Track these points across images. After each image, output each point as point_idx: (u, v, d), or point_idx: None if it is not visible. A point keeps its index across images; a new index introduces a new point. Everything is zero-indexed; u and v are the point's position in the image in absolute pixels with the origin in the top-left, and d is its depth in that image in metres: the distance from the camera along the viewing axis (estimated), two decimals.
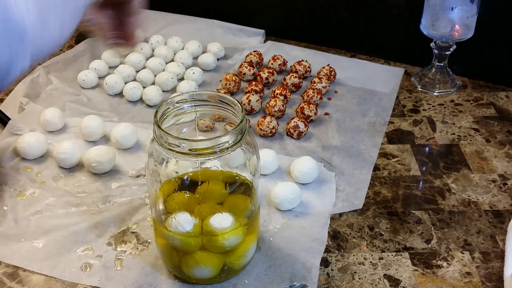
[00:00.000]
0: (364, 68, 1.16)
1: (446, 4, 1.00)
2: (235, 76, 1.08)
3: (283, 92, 1.04)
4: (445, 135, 0.99)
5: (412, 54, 1.16)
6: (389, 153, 0.94)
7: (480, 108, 1.05)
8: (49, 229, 0.80)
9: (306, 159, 0.87)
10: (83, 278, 0.73)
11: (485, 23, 1.04)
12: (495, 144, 0.96)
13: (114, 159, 0.89)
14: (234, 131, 0.64)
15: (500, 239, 0.79)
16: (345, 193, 0.86)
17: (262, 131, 0.96)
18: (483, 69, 1.12)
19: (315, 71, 1.13)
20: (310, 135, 0.98)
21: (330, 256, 0.76)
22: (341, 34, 1.22)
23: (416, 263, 0.75)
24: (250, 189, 0.70)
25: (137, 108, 1.04)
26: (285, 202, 0.82)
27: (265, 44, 1.23)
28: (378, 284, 0.72)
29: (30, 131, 0.95)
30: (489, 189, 0.87)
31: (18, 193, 0.85)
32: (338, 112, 1.04)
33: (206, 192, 0.69)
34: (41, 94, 1.06)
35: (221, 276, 0.72)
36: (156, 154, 0.67)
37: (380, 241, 0.79)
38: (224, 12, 1.28)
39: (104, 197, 0.85)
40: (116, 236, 0.79)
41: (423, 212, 0.83)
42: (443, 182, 0.89)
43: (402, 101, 1.07)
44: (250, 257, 0.73)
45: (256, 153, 0.69)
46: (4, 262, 0.75)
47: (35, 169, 0.90)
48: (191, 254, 0.69)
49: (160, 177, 0.68)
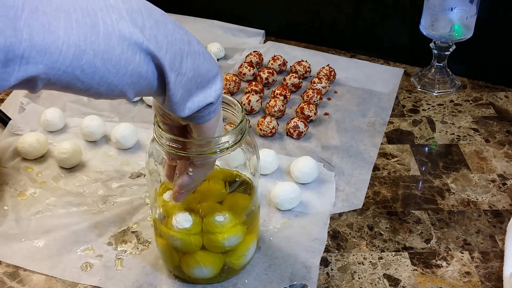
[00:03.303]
0: (364, 68, 1.16)
1: (445, 4, 1.00)
2: (235, 76, 1.08)
3: (283, 92, 1.04)
4: (444, 135, 0.99)
5: (411, 54, 1.16)
6: (388, 153, 0.95)
7: (480, 108, 1.05)
8: (50, 229, 0.80)
9: (306, 159, 0.87)
10: (84, 277, 0.73)
11: (484, 23, 1.04)
12: (495, 144, 0.97)
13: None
14: (234, 131, 0.64)
15: (499, 238, 0.79)
16: (344, 193, 0.86)
17: (262, 131, 0.96)
18: (482, 69, 1.12)
19: (315, 71, 1.13)
20: (310, 135, 0.98)
21: (330, 255, 0.77)
22: (341, 35, 1.22)
23: (416, 262, 0.76)
24: (250, 189, 0.70)
25: (138, 108, 1.05)
26: (285, 202, 0.82)
27: (265, 45, 1.23)
28: (377, 283, 0.73)
29: (30, 131, 0.95)
30: (489, 189, 0.87)
31: (18, 193, 0.86)
32: (337, 112, 1.04)
33: (206, 191, 0.69)
34: (41, 94, 1.06)
35: (221, 275, 0.72)
36: (156, 154, 0.67)
37: (379, 241, 0.79)
38: (224, 12, 1.28)
39: (104, 197, 0.85)
40: (117, 236, 0.79)
41: (423, 212, 0.83)
42: (442, 182, 0.89)
43: (401, 101, 1.07)
44: (250, 256, 0.74)
45: (256, 153, 0.70)
46: (4, 262, 0.75)
47: (36, 169, 0.90)
48: (191, 254, 0.70)
49: (160, 177, 0.68)
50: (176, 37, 0.52)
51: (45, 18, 0.43)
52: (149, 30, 0.49)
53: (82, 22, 0.45)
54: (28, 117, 0.99)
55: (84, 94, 0.49)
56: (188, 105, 0.56)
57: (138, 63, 0.49)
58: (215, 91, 0.58)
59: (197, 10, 1.29)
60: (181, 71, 0.53)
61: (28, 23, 0.42)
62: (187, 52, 0.53)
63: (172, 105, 0.55)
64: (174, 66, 0.52)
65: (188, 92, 0.55)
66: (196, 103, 0.56)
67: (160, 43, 0.50)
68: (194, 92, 0.56)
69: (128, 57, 0.48)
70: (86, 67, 0.46)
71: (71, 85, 0.47)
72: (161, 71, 0.51)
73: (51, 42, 0.43)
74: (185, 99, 0.55)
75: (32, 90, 0.46)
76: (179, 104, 0.55)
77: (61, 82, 0.46)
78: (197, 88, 0.56)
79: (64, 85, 0.47)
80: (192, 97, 0.56)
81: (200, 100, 0.56)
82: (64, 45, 0.44)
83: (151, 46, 0.49)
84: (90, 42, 0.45)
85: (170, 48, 0.51)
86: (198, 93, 0.56)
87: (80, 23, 0.45)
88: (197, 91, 0.56)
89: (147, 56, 0.50)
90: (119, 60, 0.48)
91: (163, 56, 0.51)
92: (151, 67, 0.51)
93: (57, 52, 0.44)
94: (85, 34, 0.45)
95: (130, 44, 0.48)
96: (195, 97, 0.56)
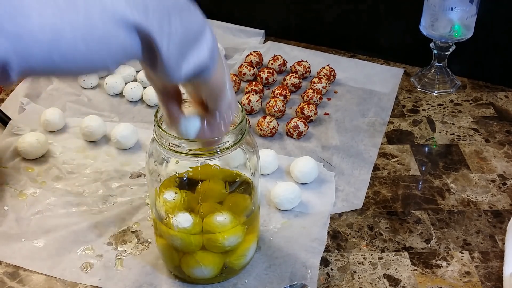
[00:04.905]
0: (364, 68, 1.16)
1: (445, 4, 1.00)
2: (235, 76, 1.08)
3: (283, 92, 1.04)
4: (444, 135, 0.99)
5: (411, 54, 1.16)
6: (388, 153, 0.95)
7: (480, 108, 1.05)
8: (50, 228, 0.80)
9: (306, 159, 0.87)
10: (84, 277, 0.73)
11: (484, 23, 1.04)
12: (495, 144, 0.97)
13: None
14: (234, 131, 0.64)
15: (499, 238, 0.79)
16: (344, 193, 0.86)
17: (262, 131, 0.96)
18: (482, 69, 1.12)
19: (315, 71, 1.13)
20: (310, 135, 0.98)
21: (329, 255, 0.77)
22: (341, 34, 1.22)
23: (416, 262, 0.76)
24: (250, 189, 0.70)
25: (138, 108, 1.05)
26: (285, 202, 0.82)
27: (265, 45, 1.23)
28: (377, 283, 0.73)
29: (30, 131, 0.95)
30: (489, 189, 0.87)
31: (18, 193, 0.86)
32: (337, 112, 1.04)
33: (206, 191, 0.69)
34: (41, 94, 1.06)
35: (221, 275, 0.72)
36: (156, 154, 0.67)
37: (379, 241, 0.79)
38: (224, 12, 1.28)
39: (104, 197, 0.85)
40: (117, 235, 0.79)
41: (423, 212, 0.83)
42: (442, 182, 0.89)
43: (401, 101, 1.07)
44: (250, 257, 0.74)
45: (256, 153, 0.70)
46: (4, 262, 0.75)
47: (36, 169, 0.90)
48: (191, 254, 0.70)
49: (160, 177, 0.68)
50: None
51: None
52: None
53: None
54: (28, 117, 0.99)
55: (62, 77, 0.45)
56: (184, 68, 0.50)
57: (124, 38, 0.44)
58: (207, 44, 0.52)
59: None
60: (171, 30, 0.47)
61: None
62: (174, 6, 0.48)
63: (166, 71, 0.49)
64: (163, 28, 0.46)
65: (181, 53, 0.49)
66: (191, 62, 0.51)
67: (146, 4, 0.45)
68: (186, 52, 0.50)
69: (112, 34, 0.43)
70: (66, 52, 0.41)
71: (51, 70, 0.42)
72: (150, 41, 0.46)
73: (22, 25, 0.38)
74: (179, 62, 0.50)
75: (5, 79, 0.40)
76: (174, 70, 0.50)
77: (38, 70, 0.41)
78: (189, 47, 0.50)
79: (41, 72, 0.42)
80: (185, 58, 0.50)
81: (194, 58, 0.51)
82: (38, 27, 0.39)
83: (135, 13, 0.44)
84: (68, 22, 0.40)
85: (157, 7, 0.46)
86: (191, 51, 0.50)
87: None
88: (190, 50, 0.50)
89: (133, 27, 0.44)
90: (101, 39, 0.43)
91: (150, 23, 0.45)
92: (138, 40, 0.45)
93: (30, 38, 0.39)
94: (61, 11, 0.40)
95: (113, 17, 0.43)
96: (189, 57, 0.50)
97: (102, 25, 0.42)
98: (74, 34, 0.41)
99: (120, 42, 0.44)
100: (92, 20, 0.42)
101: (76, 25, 0.41)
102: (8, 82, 0.40)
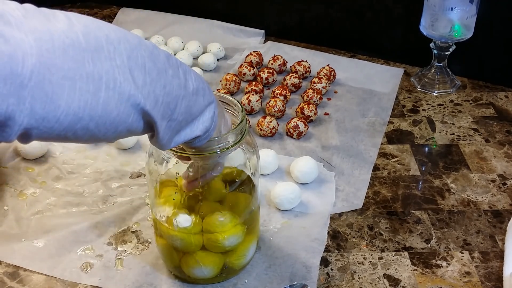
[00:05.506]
0: (364, 68, 1.16)
1: (445, 4, 1.00)
2: (235, 76, 1.08)
3: (283, 92, 1.04)
4: (444, 135, 0.99)
5: (411, 54, 1.16)
6: (388, 153, 0.95)
7: (480, 108, 1.05)
8: (50, 228, 0.80)
9: (306, 159, 0.87)
10: (84, 277, 0.73)
11: (484, 23, 1.04)
12: (495, 144, 0.97)
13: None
14: (234, 131, 0.64)
15: (499, 238, 0.79)
16: (344, 193, 0.86)
17: (262, 131, 0.96)
18: (482, 69, 1.12)
19: (315, 71, 1.13)
20: (310, 135, 0.98)
21: (330, 255, 0.77)
22: (341, 34, 1.22)
23: (416, 262, 0.76)
24: (250, 189, 0.70)
25: None
26: (285, 202, 0.82)
27: (265, 45, 1.23)
28: (377, 283, 0.73)
29: None
30: (489, 189, 0.87)
31: (18, 193, 0.86)
32: (337, 112, 1.04)
33: (206, 191, 0.69)
34: None
35: (221, 275, 0.72)
36: (156, 154, 0.67)
37: (379, 241, 0.79)
38: (224, 12, 1.28)
39: (104, 197, 0.85)
40: (117, 235, 0.79)
41: (423, 212, 0.83)
42: (442, 182, 0.89)
43: (401, 101, 1.07)
44: (250, 256, 0.74)
45: (256, 153, 0.70)
46: (4, 262, 0.75)
47: (36, 169, 0.90)
48: (191, 254, 0.70)
49: (160, 177, 0.68)
50: (174, 84, 0.53)
51: (50, 87, 0.44)
52: (149, 86, 0.50)
53: (85, 89, 0.46)
54: None
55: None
56: (174, 140, 0.57)
57: (131, 122, 0.51)
58: (203, 123, 0.58)
59: (197, 10, 1.29)
60: (173, 117, 0.54)
61: (33, 93, 0.43)
62: (183, 97, 0.54)
63: (158, 144, 0.56)
64: (166, 115, 0.53)
65: (176, 131, 0.56)
66: (182, 136, 0.57)
67: (157, 97, 0.51)
68: (180, 129, 0.56)
69: (122, 119, 0.50)
70: (79, 130, 0.48)
71: (60, 140, 0.49)
72: (152, 123, 0.53)
73: (51, 111, 0.45)
74: (172, 137, 0.56)
75: (24, 142, 0.48)
76: (166, 144, 0.56)
77: (50, 139, 0.48)
78: (185, 126, 0.57)
79: (53, 140, 0.49)
80: (178, 134, 0.56)
81: (187, 133, 0.57)
82: (63, 114, 0.46)
83: (147, 104, 0.51)
84: (89, 109, 0.47)
85: (165, 99, 0.52)
86: (185, 129, 0.57)
87: (83, 90, 0.46)
88: (184, 128, 0.57)
89: (141, 114, 0.51)
90: (112, 123, 0.49)
91: (157, 111, 0.52)
92: (142, 123, 0.52)
93: (54, 120, 0.46)
94: (85, 101, 0.47)
95: (127, 105, 0.49)
96: (182, 133, 0.57)
97: (116, 111, 0.49)
98: (90, 118, 0.48)
99: (127, 125, 0.51)
100: (109, 107, 0.48)
101: (94, 114, 0.48)
102: (23, 143, 0.48)
